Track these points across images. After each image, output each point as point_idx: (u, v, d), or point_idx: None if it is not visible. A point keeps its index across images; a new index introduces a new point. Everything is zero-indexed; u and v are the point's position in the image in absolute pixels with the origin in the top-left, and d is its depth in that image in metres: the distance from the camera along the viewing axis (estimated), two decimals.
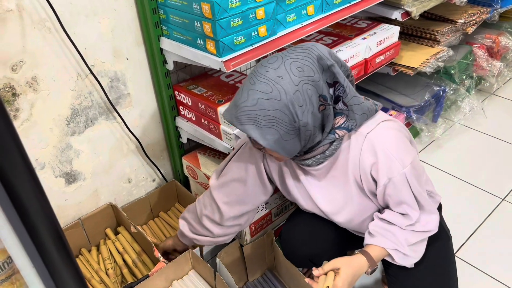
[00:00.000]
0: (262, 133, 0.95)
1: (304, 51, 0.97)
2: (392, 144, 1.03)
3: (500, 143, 2.18)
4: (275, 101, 0.92)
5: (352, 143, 1.05)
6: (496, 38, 2.40)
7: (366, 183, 1.08)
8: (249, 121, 0.94)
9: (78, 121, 1.38)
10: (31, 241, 0.48)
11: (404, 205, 1.07)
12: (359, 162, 1.05)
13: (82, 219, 1.51)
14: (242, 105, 0.94)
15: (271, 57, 0.97)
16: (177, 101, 1.52)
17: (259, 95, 0.93)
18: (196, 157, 1.59)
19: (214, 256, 1.47)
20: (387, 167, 1.01)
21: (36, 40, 1.19)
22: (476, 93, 2.48)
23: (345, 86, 1.00)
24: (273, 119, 0.94)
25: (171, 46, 1.34)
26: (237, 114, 0.95)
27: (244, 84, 0.97)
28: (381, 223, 1.10)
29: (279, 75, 0.93)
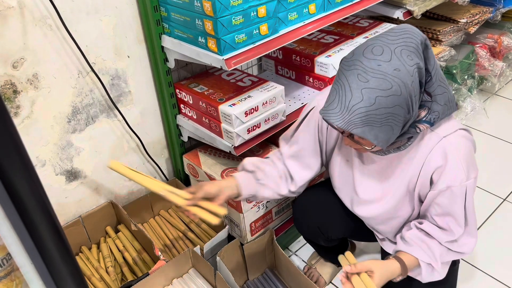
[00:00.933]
0: (376, 133, 0.89)
1: (407, 36, 0.89)
2: (465, 154, 1.00)
3: (502, 143, 2.17)
4: (395, 97, 0.85)
5: (424, 141, 1.01)
6: (498, 38, 2.39)
7: (420, 185, 1.04)
8: (365, 123, 0.87)
9: (79, 119, 1.38)
10: (30, 238, 0.48)
11: (451, 218, 1.03)
12: (425, 161, 1.01)
13: (82, 216, 1.51)
14: (356, 107, 0.86)
15: (373, 47, 0.88)
16: (178, 99, 1.52)
17: (377, 93, 0.85)
18: (197, 156, 1.59)
19: (214, 255, 1.47)
20: (453, 175, 0.98)
21: (37, 37, 1.19)
22: (478, 93, 2.47)
23: (432, 74, 0.94)
24: (390, 116, 0.87)
25: (172, 44, 1.33)
26: (351, 118, 0.87)
27: (349, 82, 0.87)
28: (420, 234, 1.07)
29: (395, 68, 0.85)
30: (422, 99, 0.96)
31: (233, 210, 1.48)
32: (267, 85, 1.42)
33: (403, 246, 1.09)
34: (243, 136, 1.36)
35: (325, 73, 1.55)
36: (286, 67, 1.71)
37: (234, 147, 1.37)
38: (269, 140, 1.57)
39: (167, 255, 1.55)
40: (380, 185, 1.14)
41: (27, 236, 0.48)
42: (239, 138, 1.35)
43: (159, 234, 1.63)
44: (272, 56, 1.75)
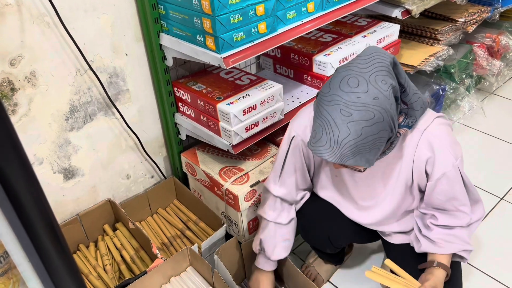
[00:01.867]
0: (367, 157, 0.94)
1: (377, 60, 0.94)
2: (447, 139, 1.06)
3: (499, 143, 2.18)
4: (379, 123, 0.90)
5: (407, 140, 1.07)
6: (496, 38, 2.39)
7: (418, 178, 1.09)
8: (355, 153, 0.92)
9: (76, 117, 1.38)
10: (27, 236, 0.48)
11: (455, 200, 1.09)
12: (414, 157, 1.06)
13: (80, 215, 1.51)
14: (345, 141, 0.90)
15: (348, 79, 0.92)
16: (176, 97, 1.51)
17: (362, 125, 0.89)
18: (195, 154, 1.59)
19: (212, 253, 1.47)
20: (444, 162, 1.04)
21: (35, 35, 1.19)
22: (476, 92, 2.48)
23: (405, 86, 1.00)
24: (377, 140, 0.93)
25: (171, 42, 1.33)
26: (343, 152, 0.92)
27: (333, 117, 0.91)
28: (443, 230, 1.13)
29: (374, 97, 0.90)
30: (400, 107, 1.01)
31: (231, 209, 1.48)
32: (265, 84, 1.42)
33: (436, 249, 1.14)
34: (241, 135, 1.36)
35: (324, 72, 1.55)
36: (285, 66, 1.71)
37: (232, 146, 1.37)
38: (267, 138, 1.57)
39: (165, 253, 1.55)
40: (376, 189, 1.17)
41: (24, 234, 0.48)
42: (237, 137, 1.35)
43: (157, 232, 1.63)
44: (270, 55, 1.75)
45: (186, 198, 1.69)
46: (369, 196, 1.19)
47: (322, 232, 1.33)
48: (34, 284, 0.55)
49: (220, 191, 1.48)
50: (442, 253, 1.13)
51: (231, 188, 1.42)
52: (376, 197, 1.18)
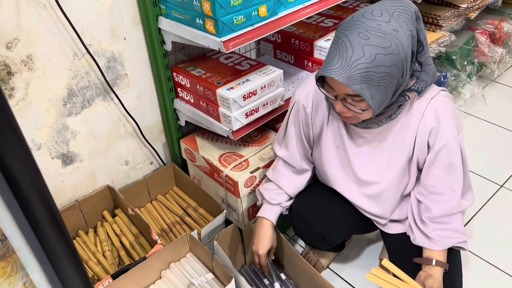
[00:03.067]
0: (372, 92, 0.92)
1: (403, 4, 0.94)
2: (452, 112, 1.06)
3: (500, 130, 2.17)
4: (394, 56, 0.89)
5: (414, 107, 1.06)
6: (498, 24, 2.37)
7: (418, 151, 1.09)
8: (364, 80, 0.90)
9: (74, 102, 1.36)
10: (26, 219, 0.47)
11: (451, 178, 1.09)
12: (419, 126, 1.06)
13: (79, 201, 1.50)
14: (357, 62, 0.89)
15: (372, 10, 0.92)
16: (175, 82, 1.50)
17: (377, 51, 0.88)
18: (194, 140, 1.58)
19: (212, 239, 1.47)
20: (447, 132, 1.04)
21: (31, 17, 1.17)
22: (477, 79, 2.46)
23: (424, 45, 0.98)
24: (387, 76, 0.91)
25: (170, 26, 1.31)
26: (352, 73, 0.89)
27: (349, 39, 0.90)
28: (439, 226, 1.13)
29: (394, 29, 0.89)
30: (413, 68, 1.00)
31: (230, 195, 1.47)
32: (265, 69, 1.41)
33: (432, 245, 1.14)
34: (241, 120, 1.34)
35: (324, 57, 1.53)
36: (285, 51, 1.69)
37: (232, 132, 1.35)
38: (267, 125, 1.56)
39: (164, 239, 1.55)
40: (378, 162, 1.15)
41: (22, 218, 0.47)
42: (237, 123, 1.34)
43: (156, 219, 1.62)
44: (270, 40, 1.73)
45: (185, 185, 1.68)
46: (370, 168, 1.17)
47: (315, 231, 1.30)
48: (33, 268, 0.54)
49: (219, 177, 1.47)
50: (438, 250, 1.13)
51: (231, 174, 1.41)
52: (377, 170, 1.16)
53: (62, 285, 0.53)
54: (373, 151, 1.15)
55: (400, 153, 1.11)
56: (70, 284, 0.53)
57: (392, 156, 1.13)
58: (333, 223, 1.30)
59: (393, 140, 1.11)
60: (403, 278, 1.09)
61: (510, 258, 1.55)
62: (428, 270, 1.12)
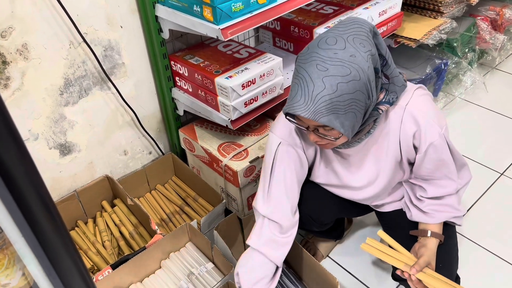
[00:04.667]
0: (342, 120, 0.91)
1: (356, 25, 0.92)
2: (429, 110, 1.05)
3: (501, 118, 2.16)
4: (355, 82, 0.88)
5: (391, 116, 1.05)
6: (500, 11, 2.34)
7: (406, 153, 1.09)
8: (330, 111, 0.89)
9: (71, 91, 1.34)
10: (19, 211, 0.46)
11: (444, 168, 1.10)
12: (400, 133, 1.06)
13: (78, 191, 1.49)
14: (320, 95, 0.87)
15: (326, 38, 0.90)
16: (173, 71, 1.48)
17: (338, 80, 0.87)
18: (193, 130, 1.57)
19: (211, 229, 1.47)
20: (429, 133, 1.04)
21: (26, 5, 1.14)
22: (478, 66, 2.44)
23: (387, 58, 0.98)
24: (352, 102, 0.90)
25: (167, 13, 1.29)
26: (317, 107, 0.88)
27: (309, 73, 0.89)
28: (433, 201, 1.15)
29: (351, 55, 0.88)
30: (381, 82, 1.00)
31: (230, 185, 1.47)
32: (264, 57, 1.39)
33: (428, 219, 1.15)
34: (240, 110, 1.33)
35: None
36: (284, 39, 1.67)
37: (231, 121, 1.34)
38: (266, 114, 1.54)
39: (164, 229, 1.54)
40: (369, 171, 1.16)
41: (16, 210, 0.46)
42: (236, 112, 1.32)
43: (156, 209, 1.62)
44: (269, 28, 1.70)
45: (184, 174, 1.67)
46: (361, 178, 1.18)
47: (302, 211, 1.24)
48: (30, 260, 0.54)
49: (219, 167, 1.46)
50: (433, 223, 1.15)
51: (230, 164, 1.40)
52: (368, 178, 1.18)
53: (59, 277, 0.52)
54: (360, 164, 1.15)
55: (388, 159, 1.12)
56: (67, 275, 0.53)
57: (380, 163, 1.13)
58: (321, 203, 1.28)
59: (376, 149, 1.11)
60: (397, 248, 1.11)
61: (510, 246, 1.55)
62: (423, 241, 1.13)
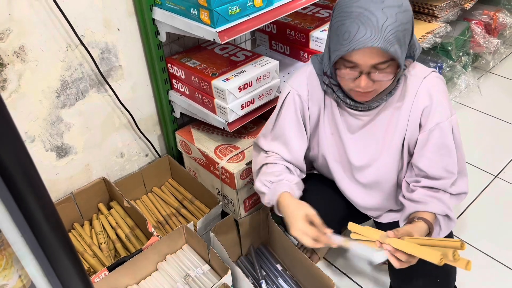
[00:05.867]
0: (402, 51, 0.94)
1: None
2: (444, 93, 1.07)
3: (495, 121, 2.18)
4: (407, 12, 0.93)
5: (408, 86, 1.06)
6: (494, 15, 2.37)
7: (411, 131, 1.08)
8: (396, 40, 0.91)
9: (68, 94, 1.35)
10: (19, 211, 0.46)
11: (445, 158, 1.06)
12: (412, 105, 1.06)
13: (74, 193, 1.49)
14: (385, 25, 0.90)
15: None
16: (170, 74, 1.48)
17: (395, 10, 0.91)
18: (189, 132, 1.57)
19: (208, 231, 1.47)
20: (439, 112, 1.04)
21: (23, 7, 1.15)
22: (472, 70, 2.46)
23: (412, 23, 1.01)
24: (407, 32, 0.94)
25: (164, 16, 1.29)
26: (386, 36, 0.90)
27: (365, 8, 0.91)
28: (426, 191, 1.09)
29: None
30: None
31: (226, 187, 1.47)
32: (261, 60, 1.40)
33: (418, 206, 1.08)
34: (236, 112, 1.34)
35: (320, 48, 1.52)
36: (281, 42, 1.68)
37: (228, 123, 1.35)
38: (263, 116, 1.55)
39: (160, 231, 1.54)
40: (373, 147, 1.14)
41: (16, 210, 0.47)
42: (232, 114, 1.33)
43: (152, 211, 1.62)
44: (266, 31, 1.71)
45: (181, 177, 1.68)
46: (365, 153, 1.15)
47: None
48: (28, 261, 0.54)
49: (215, 169, 1.47)
50: (423, 210, 1.06)
51: (226, 166, 1.40)
52: (372, 155, 1.15)
53: (58, 278, 0.52)
54: (367, 136, 1.13)
55: (395, 136, 1.10)
56: (66, 277, 0.53)
57: (387, 140, 1.12)
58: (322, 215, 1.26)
59: (386, 124, 1.10)
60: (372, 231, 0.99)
61: (504, 248, 1.56)
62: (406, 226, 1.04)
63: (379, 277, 1.50)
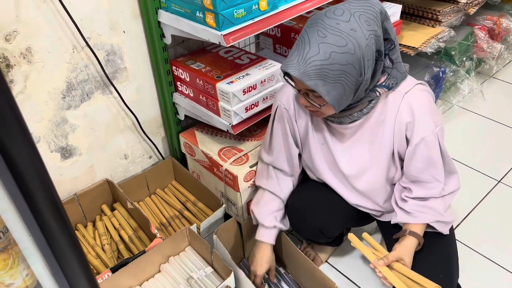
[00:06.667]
0: (328, 89, 0.94)
1: (367, 4, 0.96)
2: (427, 105, 1.07)
3: (498, 126, 2.18)
4: (349, 55, 0.91)
5: (390, 102, 1.07)
6: (497, 20, 2.37)
7: (398, 144, 1.10)
8: (319, 76, 0.93)
9: (73, 95, 1.35)
10: (29, 210, 0.47)
11: (432, 169, 1.10)
12: (396, 120, 1.07)
13: (78, 194, 1.50)
14: (312, 59, 0.92)
15: (335, 9, 0.95)
16: (175, 76, 1.49)
17: (333, 49, 0.91)
18: (193, 134, 1.58)
19: (211, 233, 1.47)
20: (423, 127, 1.05)
21: (30, 9, 1.16)
22: (476, 75, 2.46)
23: (395, 43, 1.01)
24: (342, 74, 0.93)
25: (169, 19, 1.30)
26: (306, 69, 0.92)
27: (309, 36, 0.93)
28: (417, 202, 1.14)
29: (352, 28, 0.92)
30: (384, 65, 1.03)
31: (230, 189, 1.47)
32: (265, 63, 1.40)
33: (410, 219, 1.15)
34: (241, 115, 1.34)
35: None
36: (285, 46, 1.68)
37: (232, 126, 1.35)
38: (266, 119, 1.55)
39: (163, 233, 1.55)
40: (362, 155, 1.17)
41: (26, 209, 0.47)
42: (236, 117, 1.34)
43: (155, 213, 1.62)
44: (270, 34, 1.72)
45: (184, 179, 1.68)
46: (355, 163, 1.19)
47: (313, 225, 1.31)
48: (35, 260, 0.54)
49: (219, 172, 1.47)
50: (415, 223, 1.14)
51: (230, 169, 1.41)
52: (361, 165, 1.18)
53: (65, 277, 0.53)
54: (354, 146, 1.16)
55: (382, 148, 1.13)
56: (73, 276, 0.53)
57: (374, 150, 1.14)
58: (330, 216, 1.30)
59: (371, 135, 1.12)
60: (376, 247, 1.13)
61: (507, 253, 1.56)
62: (400, 240, 1.13)
63: (382, 282, 1.50)
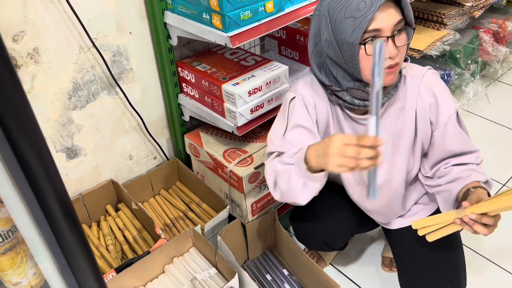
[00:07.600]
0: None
1: None
2: (443, 85, 1.09)
3: (503, 129, 2.17)
4: None
5: (408, 85, 1.08)
6: (502, 23, 2.37)
7: (421, 129, 1.10)
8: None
9: (80, 95, 1.36)
10: (40, 209, 0.47)
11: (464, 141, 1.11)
12: (417, 103, 1.08)
13: (82, 194, 1.50)
14: None
15: None
16: (180, 77, 1.50)
17: None
18: (198, 136, 1.58)
19: (215, 234, 1.47)
20: (446, 106, 1.06)
21: (38, 10, 1.16)
22: (480, 78, 2.46)
23: None
24: None
25: (176, 21, 1.31)
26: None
27: None
28: (460, 167, 1.10)
29: None
30: None
31: (234, 190, 1.47)
32: (271, 65, 1.40)
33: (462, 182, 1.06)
34: (246, 116, 1.34)
35: None
36: (290, 48, 1.69)
37: (237, 127, 1.35)
38: (271, 121, 1.55)
39: (167, 234, 1.55)
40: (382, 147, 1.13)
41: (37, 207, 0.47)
42: (242, 118, 1.34)
43: (160, 213, 1.63)
44: (275, 36, 1.72)
45: (188, 180, 1.68)
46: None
47: (317, 238, 1.30)
48: (43, 258, 0.55)
49: (224, 173, 1.47)
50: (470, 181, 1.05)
51: (235, 170, 1.41)
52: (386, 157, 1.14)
53: (74, 275, 0.53)
54: None
55: (403, 137, 1.12)
56: (81, 274, 0.53)
57: (395, 141, 1.13)
58: (335, 229, 1.29)
59: (393, 124, 1.11)
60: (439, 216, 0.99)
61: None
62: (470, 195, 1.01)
63: (387, 283, 1.50)
